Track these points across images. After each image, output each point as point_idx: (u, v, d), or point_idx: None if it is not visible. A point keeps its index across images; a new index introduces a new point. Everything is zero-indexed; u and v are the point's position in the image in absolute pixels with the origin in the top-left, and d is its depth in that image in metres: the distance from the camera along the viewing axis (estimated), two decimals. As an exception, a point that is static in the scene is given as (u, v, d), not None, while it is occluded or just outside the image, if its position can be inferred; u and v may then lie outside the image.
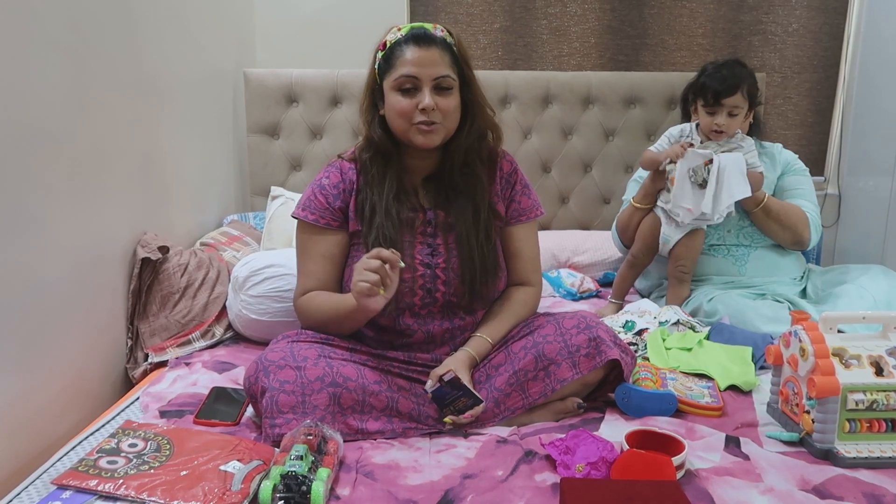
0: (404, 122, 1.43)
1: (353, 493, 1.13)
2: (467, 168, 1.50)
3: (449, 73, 1.43)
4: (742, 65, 1.96)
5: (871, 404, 1.26)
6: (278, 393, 1.27)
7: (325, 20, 2.82)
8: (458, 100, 1.46)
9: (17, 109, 1.34)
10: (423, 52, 1.41)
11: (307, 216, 1.51)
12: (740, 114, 1.93)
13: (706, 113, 1.94)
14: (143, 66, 1.88)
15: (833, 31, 2.95)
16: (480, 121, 1.50)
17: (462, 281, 1.47)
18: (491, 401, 1.38)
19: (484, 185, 1.52)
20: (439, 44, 1.43)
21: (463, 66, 1.47)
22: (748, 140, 1.97)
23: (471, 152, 1.50)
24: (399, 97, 1.42)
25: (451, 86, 1.44)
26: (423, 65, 1.41)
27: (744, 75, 1.93)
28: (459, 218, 1.49)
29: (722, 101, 1.90)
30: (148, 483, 1.09)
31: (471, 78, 1.48)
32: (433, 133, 1.43)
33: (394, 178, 1.49)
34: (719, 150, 1.93)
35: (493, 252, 1.51)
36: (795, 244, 2.05)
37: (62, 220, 1.49)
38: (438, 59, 1.42)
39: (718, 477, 1.17)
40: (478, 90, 1.50)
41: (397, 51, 1.43)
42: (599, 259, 2.46)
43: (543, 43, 2.94)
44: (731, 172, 1.88)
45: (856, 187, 2.99)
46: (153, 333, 1.78)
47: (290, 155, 2.66)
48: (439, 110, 1.42)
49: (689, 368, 1.61)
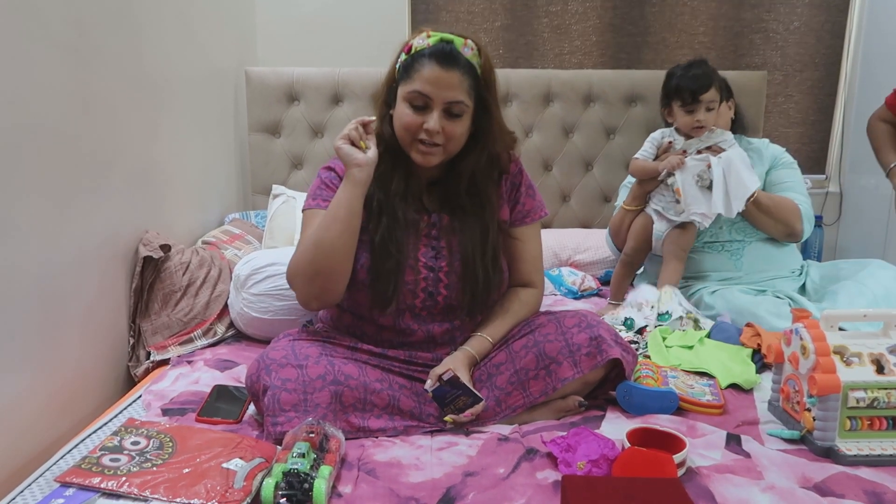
0: (407, 136, 1.41)
1: (354, 491, 1.13)
2: (475, 188, 1.48)
3: (463, 99, 1.39)
4: (706, 62, 2.03)
5: (871, 402, 1.26)
6: (280, 391, 1.27)
7: (327, 18, 2.82)
8: (466, 126, 1.42)
9: (19, 108, 1.34)
10: (442, 73, 1.36)
11: (319, 204, 1.47)
12: (716, 107, 2.00)
13: (685, 112, 2.00)
14: (145, 64, 1.88)
15: (834, 28, 2.95)
16: (492, 146, 1.47)
17: (463, 290, 1.46)
18: (492, 399, 1.38)
19: (493, 205, 1.49)
20: (462, 66, 1.38)
21: (484, 90, 1.43)
22: (727, 134, 2.03)
23: (478, 175, 1.48)
24: (408, 110, 1.39)
25: (463, 112, 1.40)
26: (438, 86, 1.37)
27: (711, 72, 2.00)
28: (465, 230, 1.47)
29: (700, 98, 1.96)
30: (150, 480, 1.10)
31: (491, 103, 1.44)
32: (431, 155, 1.41)
33: (401, 178, 1.47)
34: (702, 146, 2.01)
35: (499, 271, 1.50)
36: (789, 236, 2.06)
37: (64, 219, 1.49)
38: (457, 84, 1.38)
39: (719, 474, 1.17)
40: (496, 115, 1.45)
41: (418, 63, 1.38)
42: (600, 257, 2.46)
43: (544, 41, 2.94)
44: (737, 167, 1.94)
45: (857, 185, 2.99)
46: (155, 332, 1.78)
47: (292, 153, 2.66)
48: (444, 134, 1.39)
49: (691, 366, 1.61)
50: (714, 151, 1.99)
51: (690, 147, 2.02)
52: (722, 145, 2.00)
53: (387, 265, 1.42)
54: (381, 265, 1.42)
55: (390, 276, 1.42)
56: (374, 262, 1.43)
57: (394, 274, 1.42)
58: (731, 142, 2.02)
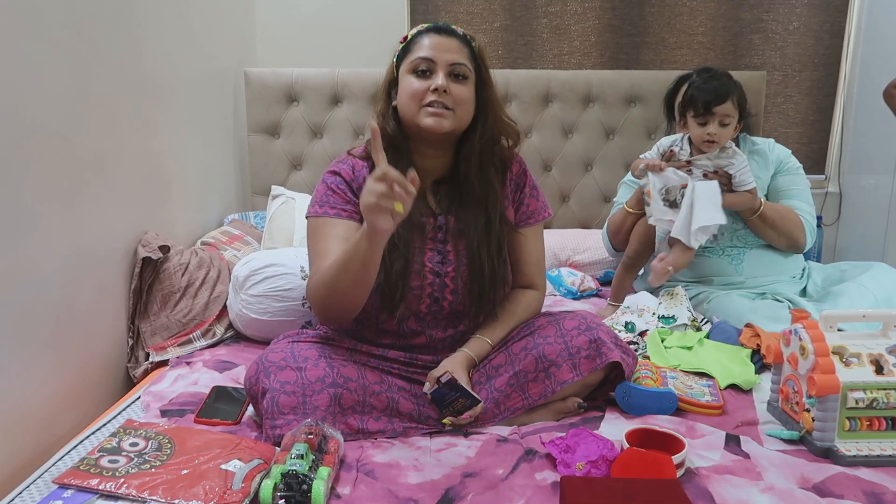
0: (415, 105, 1.40)
1: (353, 492, 1.13)
2: (482, 173, 1.47)
3: (465, 62, 1.42)
4: (729, 76, 1.93)
5: (871, 402, 1.26)
6: (279, 394, 1.27)
7: (326, 19, 2.83)
8: (472, 91, 1.43)
9: (18, 109, 1.34)
10: (441, 39, 1.42)
11: (326, 212, 1.44)
12: (731, 123, 1.88)
13: (697, 124, 1.89)
14: (144, 65, 1.88)
15: (834, 29, 2.95)
16: (494, 121, 1.47)
17: (470, 291, 1.45)
18: (491, 401, 1.37)
19: (497, 194, 1.48)
20: (459, 37, 1.44)
21: (481, 65, 1.46)
22: (739, 155, 1.92)
23: (485, 154, 1.47)
24: (413, 79, 1.41)
25: (467, 75, 1.42)
26: (440, 49, 1.40)
27: (732, 85, 1.89)
28: (471, 228, 1.45)
29: (713, 110, 1.85)
30: (149, 482, 1.10)
31: (488, 79, 1.47)
32: (443, 117, 1.39)
33: (405, 174, 1.45)
34: (710, 167, 1.90)
35: (504, 264, 1.49)
36: (791, 248, 2.04)
37: (63, 220, 1.49)
38: (457, 48, 1.42)
39: (719, 475, 1.17)
40: (494, 93, 1.48)
41: (416, 38, 1.44)
42: (600, 258, 2.46)
43: (544, 42, 2.94)
44: (703, 201, 1.84)
45: (856, 185, 2.99)
46: (154, 333, 1.78)
47: (291, 154, 2.66)
48: (452, 96, 1.39)
49: (690, 367, 1.61)
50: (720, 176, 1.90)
51: (697, 164, 1.91)
52: (728, 169, 1.90)
53: (395, 267, 1.39)
54: (388, 267, 1.38)
55: (398, 279, 1.39)
56: (382, 264, 1.34)
57: (401, 277, 1.40)
58: (743, 165, 1.90)
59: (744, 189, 1.91)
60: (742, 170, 1.90)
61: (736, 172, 1.90)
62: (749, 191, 1.92)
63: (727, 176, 1.91)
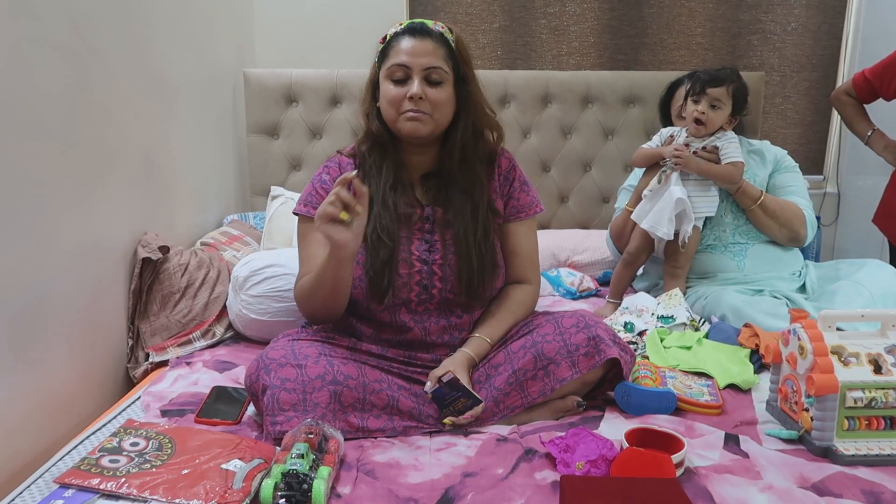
0: (394, 111, 1.44)
1: (353, 492, 1.13)
2: (465, 166, 1.51)
3: (441, 65, 1.43)
4: (736, 72, 2.01)
5: (869, 402, 1.26)
6: (279, 391, 1.27)
7: (325, 20, 2.83)
8: (449, 93, 1.46)
9: (18, 110, 1.34)
10: (416, 43, 1.43)
11: (309, 211, 1.51)
12: (722, 109, 1.96)
13: (691, 101, 1.98)
14: (144, 66, 1.88)
15: (832, 30, 2.96)
16: (475, 118, 1.50)
17: (459, 279, 1.47)
18: (490, 400, 1.38)
19: (483, 184, 1.52)
20: (435, 37, 1.45)
21: (460, 62, 1.47)
22: (730, 134, 2.01)
23: (468, 149, 1.51)
24: (390, 86, 1.44)
25: (443, 78, 1.44)
26: (414, 54, 1.42)
27: (733, 76, 1.97)
28: (458, 215, 1.49)
29: (707, 91, 1.94)
30: (150, 482, 1.10)
31: (467, 74, 1.49)
32: (420, 122, 1.43)
33: (390, 169, 1.49)
34: (699, 145, 2.00)
35: (492, 250, 1.51)
36: (792, 241, 2.07)
37: (63, 220, 1.49)
38: (431, 51, 1.43)
39: (718, 475, 1.17)
40: (475, 88, 1.50)
41: (393, 42, 1.46)
42: (599, 258, 2.46)
43: (542, 42, 2.94)
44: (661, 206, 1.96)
45: (855, 186, 3.00)
46: (154, 333, 1.78)
47: (290, 155, 2.66)
48: (428, 101, 1.42)
49: (689, 367, 1.61)
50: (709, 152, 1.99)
51: (692, 144, 2.01)
52: (715, 143, 1.99)
53: (381, 256, 1.43)
54: (374, 256, 1.44)
55: (384, 268, 1.43)
56: (368, 254, 1.44)
57: (388, 265, 1.44)
58: (732, 139, 1.99)
59: (728, 161, 1.98)
60: (729, 142, 1.99)
61: (722, 144, 1.98)
62: (733, 163, 1.98)
63: (715, 150, 1.99)
